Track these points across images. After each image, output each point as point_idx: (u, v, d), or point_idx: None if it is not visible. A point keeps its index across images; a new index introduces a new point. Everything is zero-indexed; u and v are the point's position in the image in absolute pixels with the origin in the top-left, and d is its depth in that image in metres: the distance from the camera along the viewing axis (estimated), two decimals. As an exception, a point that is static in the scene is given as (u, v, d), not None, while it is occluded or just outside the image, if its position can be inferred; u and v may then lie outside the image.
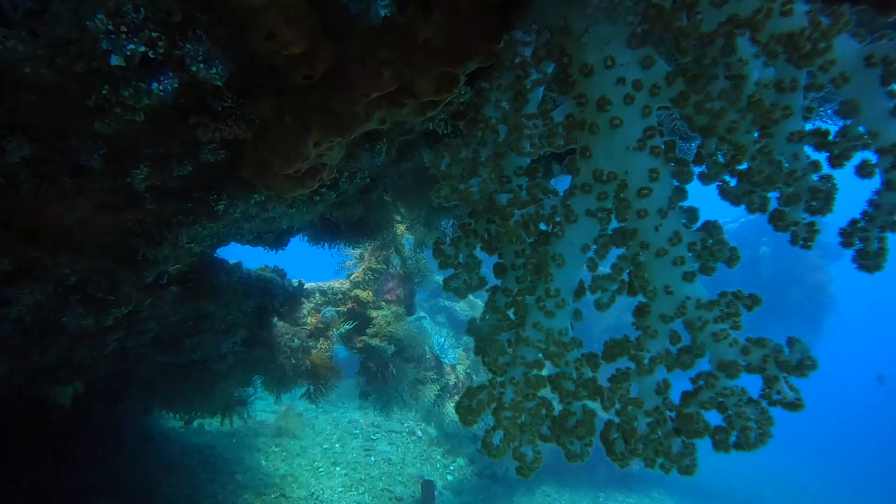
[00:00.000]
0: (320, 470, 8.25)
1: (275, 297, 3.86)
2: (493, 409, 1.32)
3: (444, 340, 6.60)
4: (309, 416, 10.70)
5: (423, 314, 11.83)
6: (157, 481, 7.09)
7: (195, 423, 9.48)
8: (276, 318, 4.38)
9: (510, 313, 1.42)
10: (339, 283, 5.59)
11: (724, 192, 1.14)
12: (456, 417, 7.05)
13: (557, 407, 1.39)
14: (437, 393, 6.26)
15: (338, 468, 8.43)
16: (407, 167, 2.54)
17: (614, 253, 1.30)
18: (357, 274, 5.64)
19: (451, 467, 9.24)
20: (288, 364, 4.50)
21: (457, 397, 6.94)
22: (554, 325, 1.31)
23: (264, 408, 11.12)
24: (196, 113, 1.60)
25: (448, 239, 1.41)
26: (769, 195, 1.07)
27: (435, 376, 6.15)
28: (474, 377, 7.32)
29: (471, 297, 13.58)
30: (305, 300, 5.18)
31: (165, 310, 3.45)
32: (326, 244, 3.95)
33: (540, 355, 1.33)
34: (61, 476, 5.55)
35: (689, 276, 1.19)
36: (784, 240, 1.18)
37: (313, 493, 7.52)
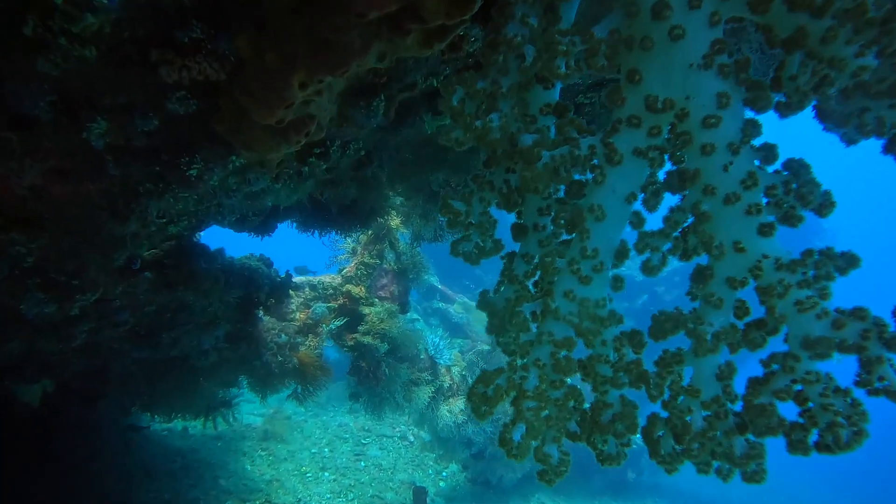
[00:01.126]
0: (308, 475, 7.94)
1: (260, 288, 3.59)
2: (512, 399, 1.06)
3: (440, 340, 6.34)
4: (297, 419, 10.38)
5: (416, 316, 11.56)
6: (137, 486, 6.76)
7: (178, 426, 9.17)
8: (261, 312, 4.11)
9: (529, 284, 1.17)
10: (331, 278, 5.32)
11: (825, 114, 0.89)
12: (451, 420, 6.78)
13: (589, 397, 1.14)
14: (431, 395, 5.99)
15: (326, 473, 8.12)
16: (406, 136, 2.29)
17: (665, 204, 1.06)
18: (349, 269, 5.37)
19: (444, 473, 8.94)
20: (274, 361, 4.22)
21: (451, 400, 6.67)
22: (590, 295, 1.06)
23: (251, 410, 10.80)
24: (158, 47, 1.35)
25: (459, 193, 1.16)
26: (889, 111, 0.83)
27: (429, 377, 5.88)
28: (469, 380, 7.05)
29: (466, 299, 13.32)
30: (294, 294, 4.92)
31: (140, 299, 3.18)
32: (316, 231, 3.69)
33: (571, 332, 1.08)
34: (36, 480, 5.24)
35: (765, 230, 0.94)
36: (784, 242, 0.97)
37: (300, 500, 7.22)
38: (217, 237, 3.71)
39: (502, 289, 1.25)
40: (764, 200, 0.94)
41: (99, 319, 3.09)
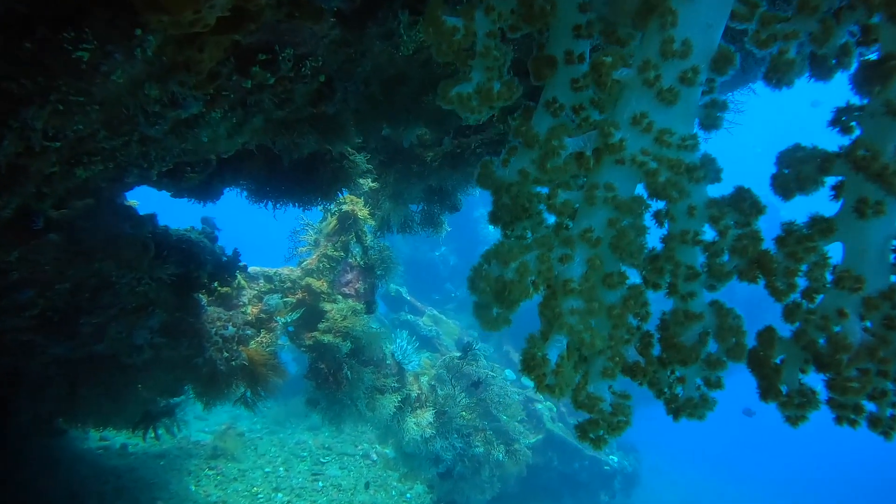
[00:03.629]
0: (259, 496, 7.26)
1: (201, 266, 3.07)
2: (547, 293, 0.63)
3: (407, 345, 5.84)
4: (252, 436, 9.65)
5: (381, 329, 11.00)
6: (57, 511, 5.98)
7: (117, 444, 8.36)
8: (204, 298, 3.57)
9: (560, 145, 0.74)
10: (289, 270, 4.80)
11: None
12: (417, 434, 6.25)
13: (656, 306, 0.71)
14: (397, 405, 5.46)
15: (279, 495, 7.44)
16: (377, 62, 1.87)
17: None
18: (311, 261, 4.86)
19: (409, 495, 8.34)
20: (219, 358, 3.67)
21: (419, 411, 6.15)
22: (672, 125, 0.64)
23: (202, 428, 10.02)
24: None
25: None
26: None
27: (396, 384, 5.37)
28: (439, 390, 6.55)
29: (435, 312, 12.83)
30: (247, 285, 4.38)
31: (46, 271, 2.63)
32: (270, 203, 3.21)
33: (640, 184, 0.65)
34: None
35: None
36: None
37: (248, 523, 6.55)
38: (150, 206, 3.19)
39: (511, 159, 0.82)
40: None
41: (-7, 294, 2.54)
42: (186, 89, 1.69)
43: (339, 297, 4.88)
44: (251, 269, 4.55)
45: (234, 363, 3.74)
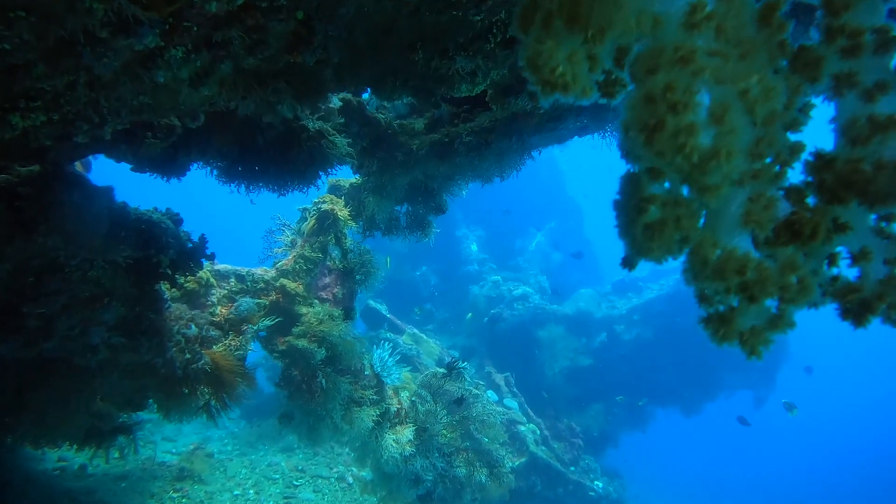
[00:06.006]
0: (226, 520, 6.78)
1: (163, 250, 2.77)
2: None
3: (388, 356, 5.53)
4: (221, 458, 9.13)
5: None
6: (3, 535, 5.49)
7: (76, 465, 7.83)
8: (167, 291, 3.25)
9: None
10: (263, 271, 4.48)
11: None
12: (397, 452, 5.89)
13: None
14: (375, 419, 5.12)
15: (248, 519, 6.96)
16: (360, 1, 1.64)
17: None
18: (286, 262, 4.57)
19: (386, 521, 7.90)
20: (180, 359, 3.34)
21: (398, 428, 5.81)
22: None
23: (170, 449, 9.51)
24: None
25: None
26: None
27: (374, 397, 5.03)
28: (420, 407, 6.22)
29: (415, 330, 12.52)
30: (216, 284, 4.06)
31: (-19, 244, 2.33)
32: (243, 185, 2.94)
33: None
34: None
35: None
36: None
37: (212, 549, 6.09)
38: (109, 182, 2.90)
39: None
40: None
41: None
42: (137, 8, 1.45)
43: (316, 301, 4.58)
44: (221, 266, 4.23)
45: (195, 366, 3.41)
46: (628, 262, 0.49)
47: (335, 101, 3.16)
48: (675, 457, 27.15)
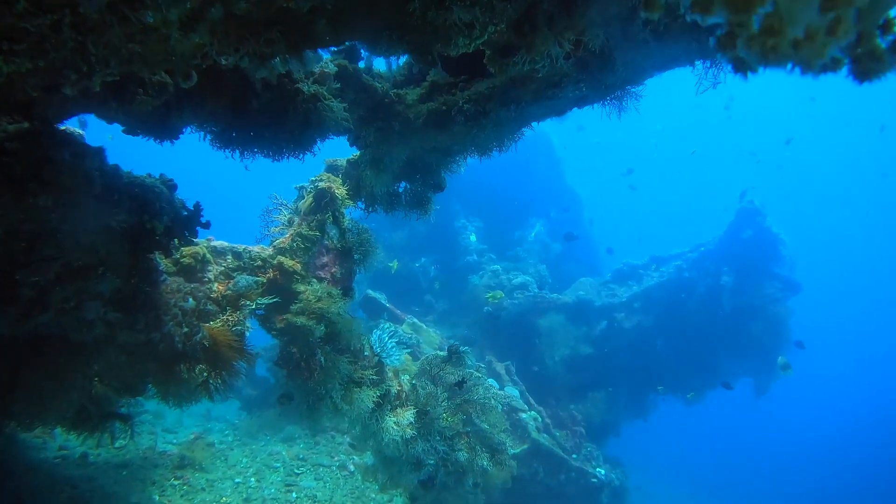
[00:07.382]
0: (227, 507, 6.76)
1: (157, 216, 2.73)
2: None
3: (388, 337, 5.49)
4: (222, 447, 9.11)
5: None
6: (4, 522, 5.47)
7: (77, 453, 7.81)
8: (162, 263, 3.21)
9: None
10: (260, 249, 4.44)
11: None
12: (398, 435, 5.83)
13: None
14: (376, 400, 5.08)
15: (249, 506, 6.94)
16: None
17: None
18: (283, 240, 4.52)
19: (387, 510, 7.88)
20: (177, 333, 3.29)
21: (399, 410, 5.77)
22: None
23: (171, 439, 9.51)
24: None
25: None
26: None
27: (375, 377, 5.00)
28: (420, 389, 6.18)
29: (415, 320, 12.49)
30: (213, 260, 4.01)
31: (-29, 205, 2.28)
32: (237, 150, 2.90)
33: None
34: None
35: None
36: (744, 270, 0.29)
37: (213, 534, 6.07)
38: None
39: None
40: None
41: None
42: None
43: (314, 280, 4.54)
44: (218, 243, 4.19)
45: (194, 339, 3.36)
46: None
47: (331, 67, 3.11)
48: (676, 445, 27.17)
